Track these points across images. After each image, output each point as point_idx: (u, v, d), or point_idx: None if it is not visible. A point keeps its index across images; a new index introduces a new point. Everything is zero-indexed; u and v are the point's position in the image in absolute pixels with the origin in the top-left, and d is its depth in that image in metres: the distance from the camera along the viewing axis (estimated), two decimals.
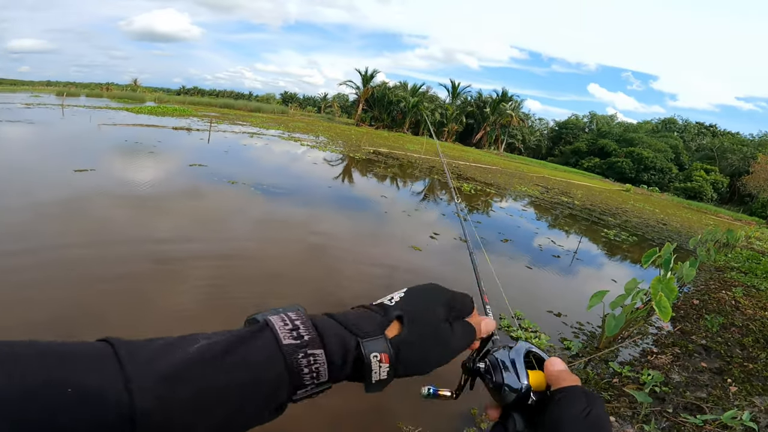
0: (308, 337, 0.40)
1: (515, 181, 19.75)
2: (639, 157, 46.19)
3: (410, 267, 5.11)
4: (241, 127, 21.08)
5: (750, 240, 14.42)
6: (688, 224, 17.43)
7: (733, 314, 5.11)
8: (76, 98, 31.62)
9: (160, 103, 33.46)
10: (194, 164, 9.15)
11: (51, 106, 20.96)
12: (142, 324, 2.94)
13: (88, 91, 47.22)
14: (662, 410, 2.81)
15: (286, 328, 0.40)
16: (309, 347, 0.40)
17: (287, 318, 0.41)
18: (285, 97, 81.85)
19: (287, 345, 0.39)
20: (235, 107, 43.62)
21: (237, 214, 6.13)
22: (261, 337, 0.39)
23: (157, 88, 78.38)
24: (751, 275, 7.74)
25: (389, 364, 0.43)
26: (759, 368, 3.56)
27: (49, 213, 4.80)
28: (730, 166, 46.00)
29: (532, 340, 3.66)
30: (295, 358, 0.39)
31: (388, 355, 0.43)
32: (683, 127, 56.37)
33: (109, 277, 3.53)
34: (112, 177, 7.07)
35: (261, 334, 0.40)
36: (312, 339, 0.40)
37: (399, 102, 48.55)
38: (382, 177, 12.85)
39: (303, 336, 0.40)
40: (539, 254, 7.11)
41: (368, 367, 0.42)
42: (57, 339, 0.35)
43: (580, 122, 61.71)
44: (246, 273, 4.10)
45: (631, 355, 3.84)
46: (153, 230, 4.85)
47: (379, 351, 0.43)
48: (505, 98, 50.57)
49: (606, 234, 10.47)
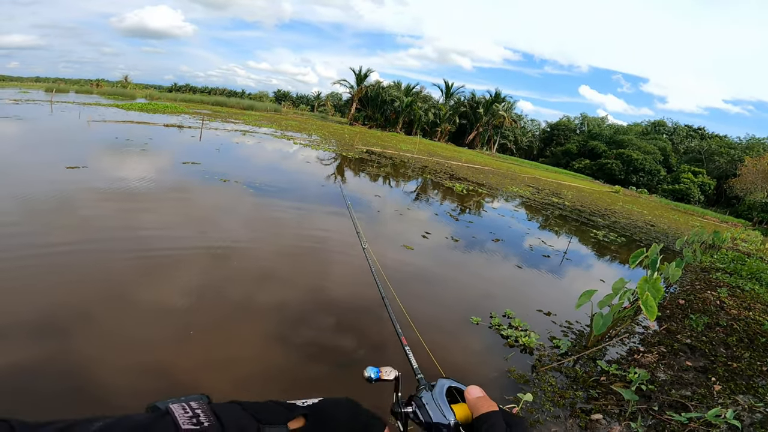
0: (207, 424, 0.41)
1: (507, 181, 19.89)
2: (628, 159, 46.75)
3: (402, 267, 5.14)
4: (233, 125, 20.95)
5: (736, 242, 14.70)
6: (676, 226, 17.70)
7: (718, 314, 5.21)
8: (65, 94, 31.14)
9: (152, 100, 33.11)
10: (187, 162, 9.09)
11: (40, 102, 20.63)
12: (127, 321, 2.93)
13: (78, 87, 46.58)
14: (648, 408, 2.87)
15: (186, 416, 0.41)
16: None
17: (188, 407, 0.43)
18: (278, 96, 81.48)
19: (186, 430, 0.40)
20: (227, 105, 43.25)
21: (229, 212, 6.11)
22: (160, 423, 0.40)
23: (149, 85, 77.56)
24: (736, 276, 7.90)
25: None
26: (743, 367, 3.64)
27: (41, 210, 4.75)
28: (718, 168, 46.75)
29: (522, 339, 3.71)
30: None
31: None
32: (672, 130, 57.14)
33: (95, 273, 3.51)
34: (105, 175, 6.99)
35: (160, 420, 0.41)
36: (211, 425, 0.42)
37: (393, 101, 48.60)
38: (375, 176, 12.86)
39: (203, 423, 0.41)
40: (530, 254, 7.18)
41: None
42: None
43: (571, 124, 62.26)
44: (236, 271, 4.09)
45: (619, 354, 3.90)
46: (145, 228, 4.81)
47: None
48: (498, 99, 50.87)
49: (595, 235, 10.60)
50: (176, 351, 2.71)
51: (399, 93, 49.46)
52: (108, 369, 2.43)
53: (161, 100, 34.11)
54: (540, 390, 3.02)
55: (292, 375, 2.72)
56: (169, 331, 2.91)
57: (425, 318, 3.92)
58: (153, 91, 55.12)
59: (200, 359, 2.68)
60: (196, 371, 2.57)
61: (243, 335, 3.04)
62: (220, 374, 2.60)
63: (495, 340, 3.71)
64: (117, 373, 2.42)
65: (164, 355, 2.65)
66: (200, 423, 0.41)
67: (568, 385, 3.16)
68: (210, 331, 2.99)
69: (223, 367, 2.67)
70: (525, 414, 2.71)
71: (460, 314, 4.10)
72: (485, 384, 3.05)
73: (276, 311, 3.48)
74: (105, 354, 2.55)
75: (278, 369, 2.74)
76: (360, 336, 3.36)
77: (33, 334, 2.60)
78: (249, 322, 3.23)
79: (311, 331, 3.30)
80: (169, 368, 2.54)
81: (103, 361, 2.48)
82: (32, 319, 2.74)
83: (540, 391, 3.00)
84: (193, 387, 2.42)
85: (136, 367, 2.50)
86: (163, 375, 2.48)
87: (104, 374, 2.38)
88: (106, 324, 2.85)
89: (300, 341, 3.11)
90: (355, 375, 2.83)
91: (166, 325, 2.97)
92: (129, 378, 2.40)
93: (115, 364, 2.48)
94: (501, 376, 3.16)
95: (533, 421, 2.66)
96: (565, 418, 2.73)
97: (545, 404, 2.85)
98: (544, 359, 3.52)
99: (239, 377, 2.60)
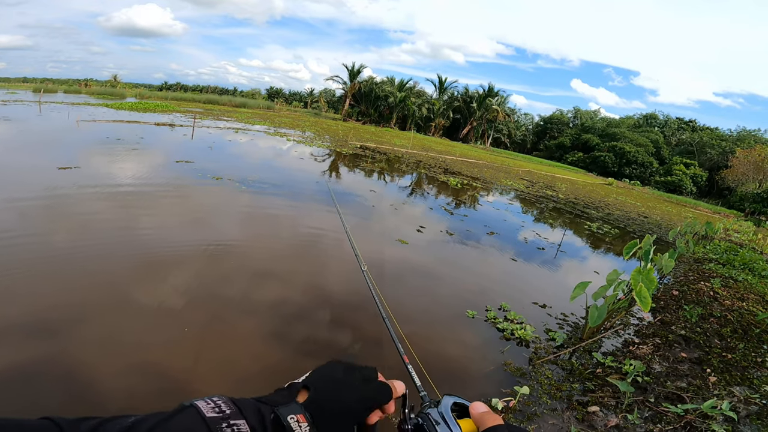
0: (229, 411, 0.47)
1: (501, 175, 19.91)
2: (621, 152, 47.00)
3: (397, 261, 5.12)
4: (225, 123, 20.77)
5: (728, 232, 14.82)
6: (668, 217, 17.83)
7: (712, 305, 5.24)
8: (53, 95, 30.73)
9: (142, 99, 32.75)
10: (180, 160, 9.00)
11: (28, 102, 20.33)
12: (122, 319, 2.88)
13: (67, 87, 45.98)
14: (644, 400, 2.88)
15: (209, 406, 0.46)
16: (231, 418, 0.46)
17: (210, 401, 0.48)
18: (271, 93, 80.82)
19: (210, 417, 0.45)
20: (219, 103, 42.93)
21: (223, 210, 6.05)
22: (187, 412, 0.45)
23: (138, 84, 76.82)
24: (728, 267, 7.96)
25: (307, 423, 0.50)
26: (737, 358, 3.66)
27: (34, 211, 4.67)
28: (710, 160, 47.16)
29: (517, 332, 3.71)
30: (219, 427, 0.44)
31: (303, 416, 0.50)
32: (664, 123, 57.48)
33: (90, 272, 3.46)
34: (98, 174, 6.90)
35: (187, 410, 0.46)
36: (233, 412, 0.47)
37: (386, 97, 48.45)
38: (370, 172, 12.81)
39: (225, 411, 0.46)
40: (524, 247, 7.19)
41: (289, 428, 0.48)
42: None
43: (564, 117, 62.43)
44: (231, 269, 4.05)
45: (614, 346, 3.91)
46: (140, 228, 4.75)
47: (295, 413, 0.50)
48: (492, 93, 50.89)
49: (589, 227, 10.64)
50: (170, 349, 2.67)
51: (392, 88, 49.30)
52: (104, 368, 2.39)
53: (152, 99, 33.77)
54: (537, 383, 3.02)
55: (288, 367, 2.69)
56: (162, 328, 2.86)
57: (420, 313, 3.90)
58: (143, 89, 54.58)
59: (195, 357, 2.64)
60: (192, 369, 2.54)
61: (237, 333, 3.00)
62: (217, 371, 2.56)
63: (491, 334, 3.71)
64: (112, 372, 2.38)
65: (158, 354, 2.61)
66: (222, 411, 0.46)
67: (565, 378, 3.16)
68: (204, 329, 2.95)
69: (218, 365, 2.63)
70: (522, 407, 2.70)
71: (456, 308, 4.09)
72: (482, 377, 3.04)
73: (270, 308, 3.44)
74: (100, 353, 2.51)
75: (274, 365, 2.71)
76: (355, 331, 3.34)
77: (29, 335, 2.55)
78: (242, 319, 3.20)
79: (307, 327, 3.27)
80: (163, 366, 2.50)
81: (99, 360, 2.44)
82: (27, 321, 2.69)
83: (537, 384, 3.00)
84: (190, 384, 2.39)
85: (130, 366, 2.46)
86: (158, 373, 2.44)
87: (99, 373, 2.34)
88: (100, 323, 2.81)
89: (296, 337, 3.08)
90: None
91: (159, 324, 2.92)
92: (124, 377, 2.37)
93: (110, 364, 2.44)
94: (497, 370, 3.15)
95: (530, 413, 2.65)
96: (562, 411, 2.72)
97: (542, 397, 2.84)
98: (540, 352, 3.52)
99: (236, 374, 2.57)
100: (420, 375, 0.60)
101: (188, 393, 2.34)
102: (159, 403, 2.23)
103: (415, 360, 2.81)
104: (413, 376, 0.76)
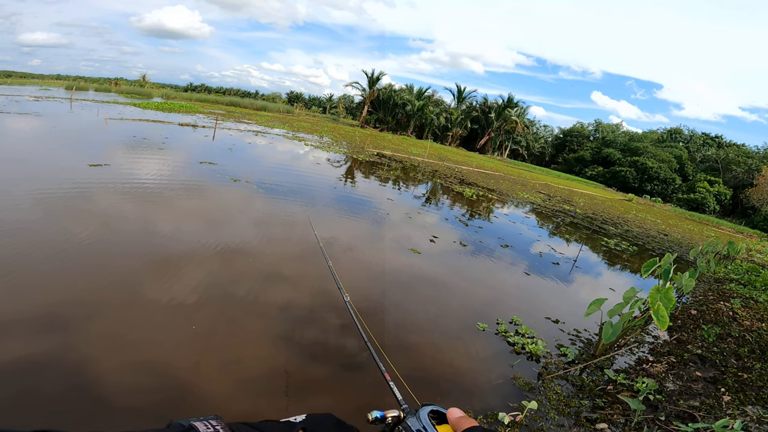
0: None
1: (518, 187, 19.77)
2: (643, 167, 46.05)
3: (408, 270, 5.15)
4: (246, 125, 21.19)
5: (751, 253, 14.40)
6: (690, 235, 17.40)
7: (730, 325, 5.12)
8: (84, 92, 31.85)
9: (168, 100, 33.66)
10: (204, 162, 9.24)
11: (60, 99, 21.13)
12: (136, 316, 2.99)
13: (97, 85, 47.57)
14: (655, 418, 2.84)
15: (208, 430, 0.47)
16: None
17: (208, 423, 0.49)
18: (291, 97, 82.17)
19: None
20: (241, 105, 43.77)
21: (244, 212, 6.19)
22: None
23: (165, 84, 78.97)
24: (750, 287, 7.74)
25: None
26: (753, 378, 3.58)
27: (74, 206, 4.87)
28: (735, 178, 45.80)
29: (528, 346, 3.70)
30: None
31: None
32: (689, 138, 56.13)
33: (109, 269, 3.59)
34: (126, 173, 7.14)
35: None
36: None
37: (404, 105, 48.63)
38: (385, 179, 12.90)
39: None
40: (539, 261, 7.14)
41: None
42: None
43: (584, 130, 61.52)
44: (246, 270, 4.15)
45: (627, 363, 3.87)
46: (168, 228, 4.91)
47: None
48: (511, 104, 50.56)
49: (606, 243, 10.48)
50: (179, 347, 2.76)
51: (411, 96, 49.49)
52: (112, 365, 2.49)
53: (177, 100, 34.67)
54: (545, 398, 3.01)
55: (295, 373, 2.75)
56: (172, 326, 2.96)
57: (429, 322, 3.93)
58: (169, 90, 56.05)
59: (203, 356, 2.73)
60: (201, 368, 2.62)
61: (245, 333, 3.08)
62: (225, 372, 2.64)
63: (501, 347, 3.71)
64: (120, 368, 2.47)
65: (167, 350, 2.70)
66: None
67: (574, 394, 3.15)
68: (212, 328, 3.04)
69: (226, 365, 2.71)
70: (529, 422, 2.70)
71: (466, 320, 4.10)
72: (489, 390, 3.05)
73: (278, 311, 3.51)
74: (108, 347, 2.61)
75: (281, 368, 2.78)
76: None
77: (42, 328, 2.68)
78: (252, 320, 3.28)
79: (311, 331, 3.33)
80: (171, 363, 2.59)
81: (107, 355, 2.55)
82: (39, 314, 2.82)
83: (545, 399, 2.99)
84: (196, 384, 2.47)
85: (140, 363, 2.56)
86: (165, 371, 2.53)
87: (107, 371, 2.44)
88: (113, 318, 2.92)
89: (300, 342, 3.14)
90: (354, 376, 2.86)
91: (170, 321, 3.02)
92: (132, 374, 2.46)
93: (120, 360, 2.54)
94: (506, 383, 3.15)
95: (537, 428, 2.65)
96: (570, 427, 2.72)
97: (550, 412, 2.84)
98: (551, 367, 3.50)
99: (243, 375, 2.65)
100: (416, 386, 0.69)
101: (189, 393, 2.42)
102: (162, 402, 2.32)
103: (397, 375, 2.85)
104: (395, 392, 0.85)
